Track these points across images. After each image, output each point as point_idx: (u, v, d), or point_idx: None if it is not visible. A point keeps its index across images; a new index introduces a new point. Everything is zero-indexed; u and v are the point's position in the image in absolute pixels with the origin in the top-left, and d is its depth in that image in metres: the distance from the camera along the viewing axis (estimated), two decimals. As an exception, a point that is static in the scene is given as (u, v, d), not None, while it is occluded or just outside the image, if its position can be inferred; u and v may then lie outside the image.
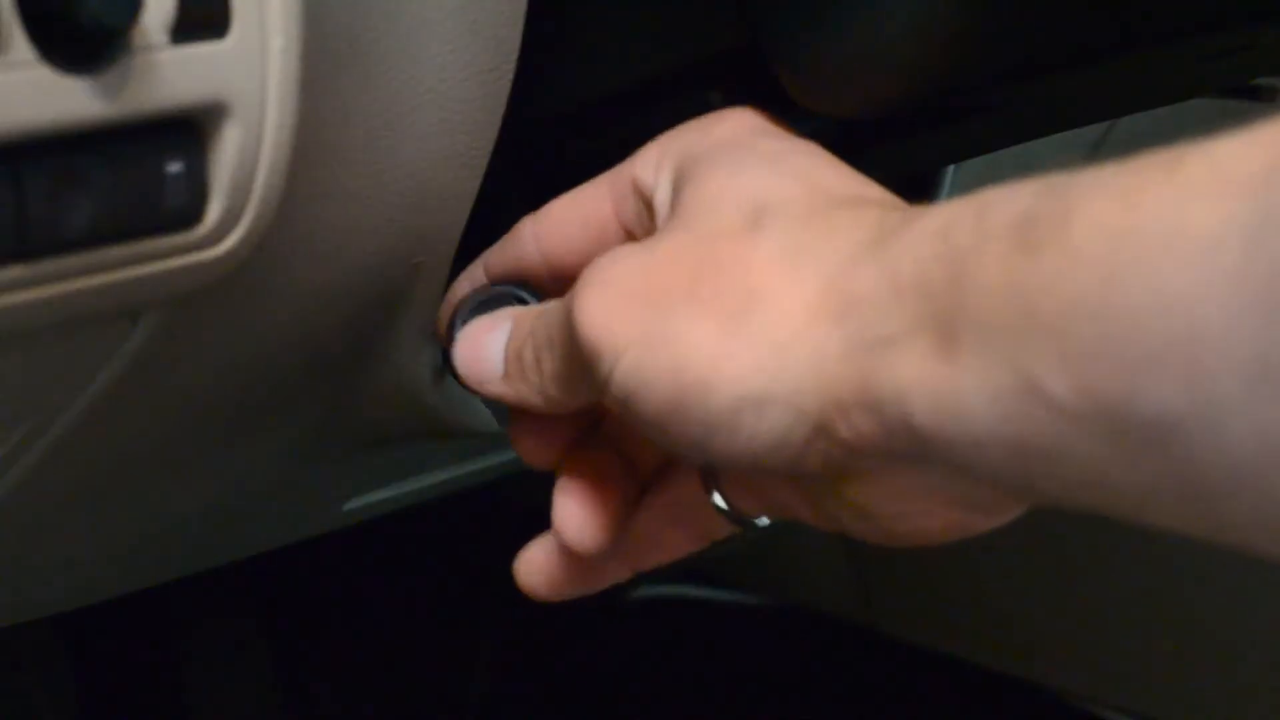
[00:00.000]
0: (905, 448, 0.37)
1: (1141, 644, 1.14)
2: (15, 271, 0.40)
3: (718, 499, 0.49)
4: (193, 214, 0.42)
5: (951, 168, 0.71)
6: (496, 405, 0.52)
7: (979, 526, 0.43)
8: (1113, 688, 1.17)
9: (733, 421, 0.40)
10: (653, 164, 0.48)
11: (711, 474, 0.49)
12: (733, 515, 0.49)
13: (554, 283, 0.51)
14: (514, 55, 0.52)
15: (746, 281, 0.41)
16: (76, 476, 0.54)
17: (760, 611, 1.31)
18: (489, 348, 0.49)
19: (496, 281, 0.53)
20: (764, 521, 0.49)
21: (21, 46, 0.38)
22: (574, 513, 0.49)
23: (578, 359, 0.44)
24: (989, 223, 0.35)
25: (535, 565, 0.51)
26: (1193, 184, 0.32)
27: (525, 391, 0.48)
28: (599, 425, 0.52)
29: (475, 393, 0.51)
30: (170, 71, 0.40)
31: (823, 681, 1.28)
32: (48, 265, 0.40)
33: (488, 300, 0.52)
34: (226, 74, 0.41)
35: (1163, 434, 0.32)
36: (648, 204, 0.48)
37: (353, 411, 0.61)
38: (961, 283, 0.35)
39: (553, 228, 0.51)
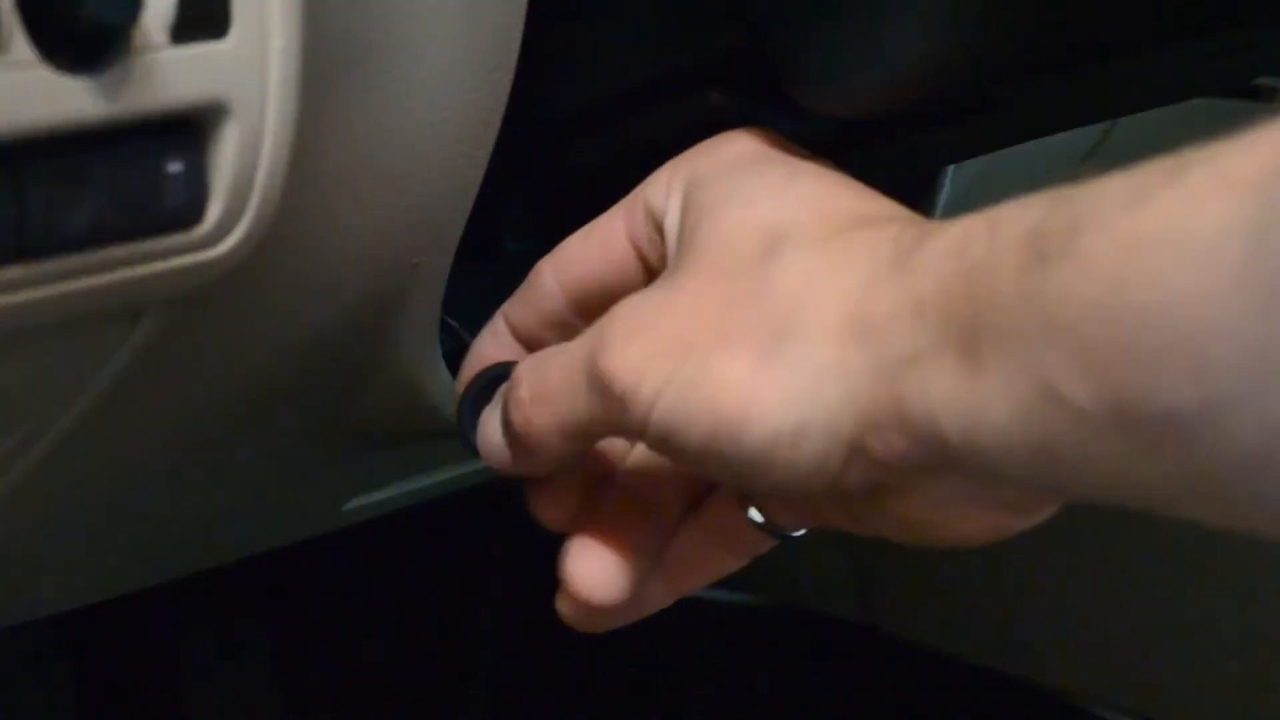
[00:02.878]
0: (939, 461, 0.38)
1: (1141, 644, 1.14)
2: (15, 271, 0.40)
3: (755, 515, 0.49)
4: (193, 214, 0.42)
5: (951, 168, 0.71)
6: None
7: (1016, 526, 0.44)
8: (1113, 688, 1.17)
9: (770, 455, 0.41)
10: (663, 188, 0.49)
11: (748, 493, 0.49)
12: (771, 529, 0.49)
13: (577, 319, 0.51)
14: (514, 55, 0.52)
15: (772, 314, 0.41)
16: (77, 476, 0.54)
17: (760, 611, 1.30)
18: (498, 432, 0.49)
19: (518, 335, 0.52)
20: (801, 532, 0.50)
21: (21, 46, 0.38)
22: (589, 569, 0.49)
23: (603, 406, 0.44)
24: (1001, 237, 0.36)
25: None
26: (1196, 187, 0.32)
27: (541, 455, 0.48)
28: (611, 477, 0.51)
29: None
30: (170, 71, 0.40)
31: (823, 681, 1.28)
32: (48, 265, 0.40)
33: (489, 382, 0.51)
34: (226, 74, 0.41)
35: (1176, 431, 0.32)
36: (658, 228, 0.48)
37: (353, 411, 0.61)
38: (979, 297, 0.36)
39: (570, 260, 0.51)
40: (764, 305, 0.42)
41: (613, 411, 0.44)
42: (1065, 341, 0.34)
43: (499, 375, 0.51)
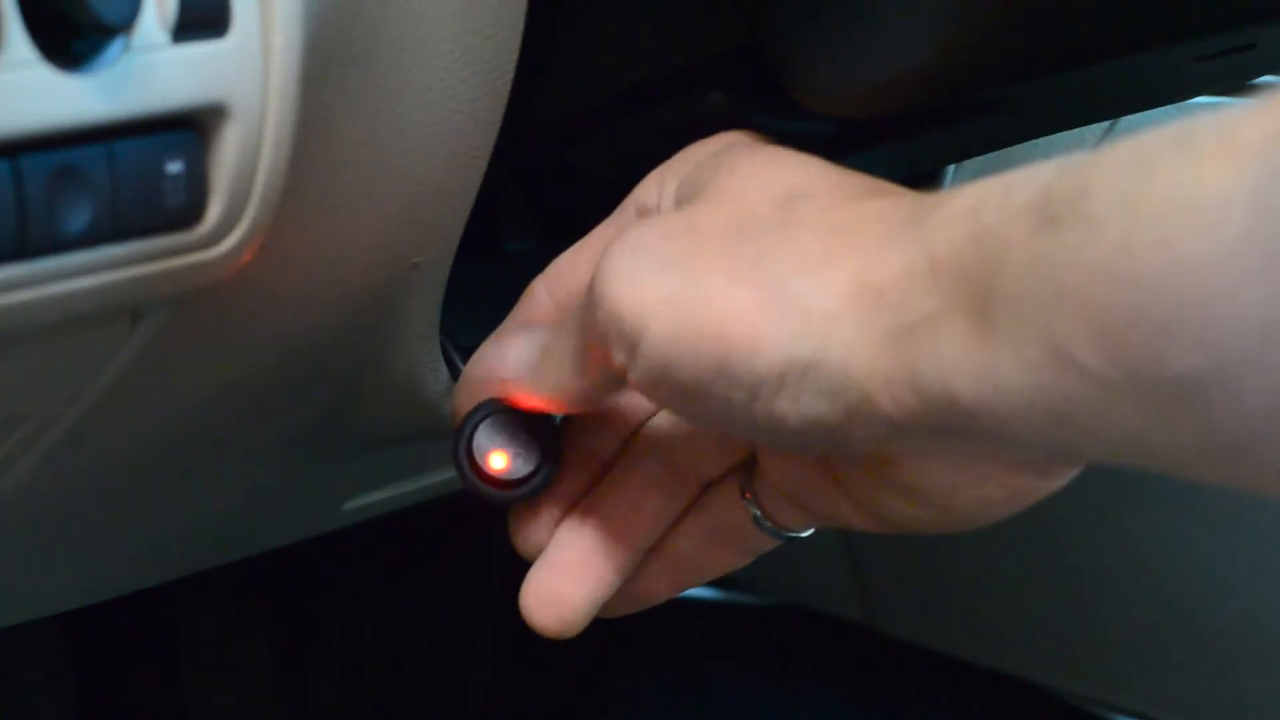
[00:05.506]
0: (951, 423, 0.38)
1: (1141, 644, 1.14)
2: (15, 271, 0.40)
3: (757, 514, 0.49)
4: (193, 214, 0.42)
5: (951, 168, 0.71)
6: (493, 500, 0.52)
7: (1038, 490, 0.44)
8: (1113, 688, 1.17)
9: (778, 383, 0.40)
10: (655, 186, 0.48)
11: (750, 488, 0.49)
12: (774, 530, 0.49)
13: None
14: (514, 55, 0.52)
15: (786, 257, 0.41)
16: (77, 477, 0.54)
17: (760, 611, 1.30)
18: (513, 345, 0.49)
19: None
20: (807, 532, 0.49)
21: (21, 46, 0.38)
22: (540, 601, 0.50)
23: (598, 332, 0.43)
24: (1013, 201, 0.36)
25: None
26: (1202, 151, 0.33)
27: (540, 382, 0.48)
28: (590, 500, 0.51)
29: (489, 491, 0.50)
30: (170, 71, 0.40)
31: (823, 681, 1.28)
32: (48, 265, 0.40)
33: (493, 414, 0.51)
34: (226, 74, 0.41)
35: (1187, 395, 0.33)
36: None
37: (353, 411, 0.61)
38: (991, 260, 0.36)
39: (564, 275, 0.51)
40: (778, 248, 0.41)
41: (609, 337, 0.42)
42: (1076, 306, 0.34)
43: (493, 411, 0.51)
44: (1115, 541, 1.13)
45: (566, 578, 0.50)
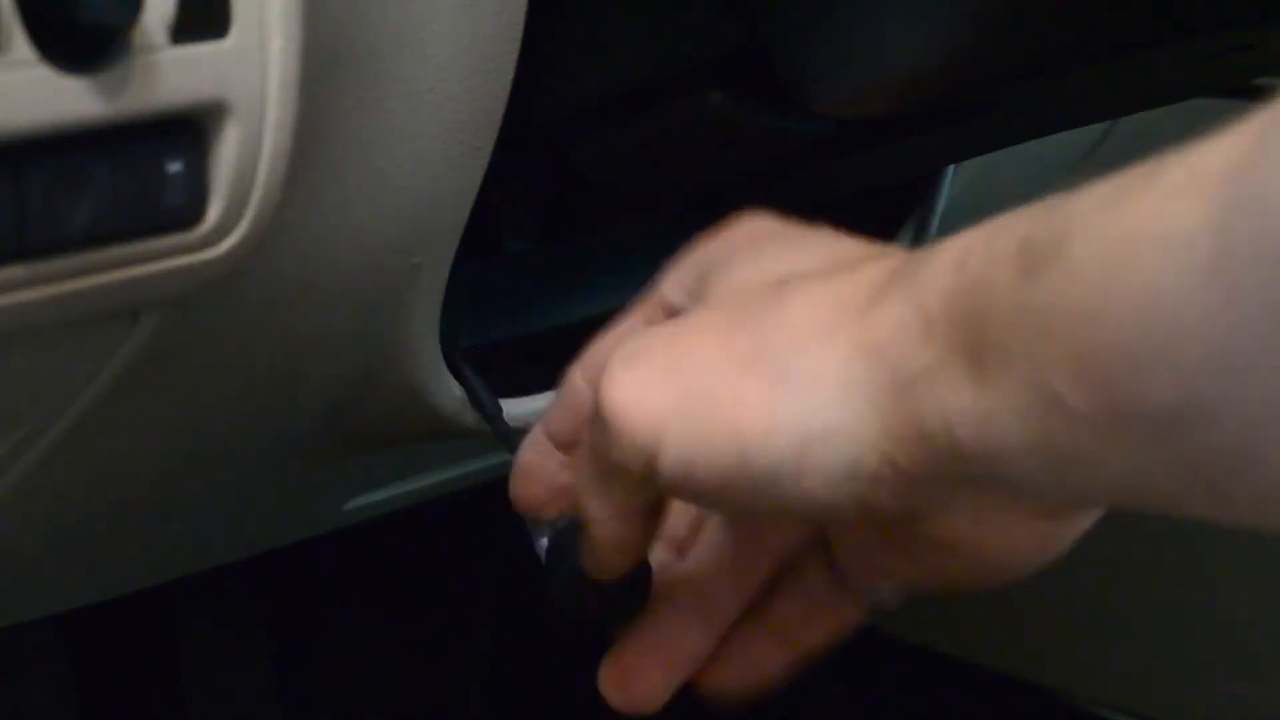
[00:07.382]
0: (959, 472, 0.38)
1: (1142, 644, 1.14)
2: (15, 271, 0.40)
3: (838, 575, 0.48)
4: (193, 214, 0.42)
5: (951, 168, 0.71)
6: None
7: (1062, 535, 0.43)
8: (1113, 688, 1.17)
9: (800, 459, 0.40)
10: (678, 280, 0.49)
11: (826, 552, 0.48)
12: (859, 589, 0.48)
13: None
14: (514, 55, 0.52)
15: (782, 337, 0.41)
16: (77, 476, 0.54)
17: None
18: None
19: (559, 443, 0.50)
20: (894, 595, 0.49)
21: (21, 46, 0.38)
22: (621, 673, 0.49)
23: (612, 450, 0.43)
24: (996, 250, 0.37)
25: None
26: (1168, 186, 0.33)
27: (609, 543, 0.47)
28: (669, 574, 0.51)
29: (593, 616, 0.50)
30: (170, 71, 0.40)
31: (823, 682, 1.28)
32: (48, 265, 0.40)
33: (563, 530, 0.50)
34: (226, 74, 0.41)
35: (1167, 430, 0.33)
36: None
37: (353, 411, 0.61)
38: (980, 310, 0.37)
39: (597, 360, 0.50)
40: (773, 330, 0.42)
41: (625, 454, 0.42)
42: (1060, 348, 0.34)
43: (570, 526, 0.49)
44: (1115, 542, 1.13)
45: (644, 659, 0.49)
